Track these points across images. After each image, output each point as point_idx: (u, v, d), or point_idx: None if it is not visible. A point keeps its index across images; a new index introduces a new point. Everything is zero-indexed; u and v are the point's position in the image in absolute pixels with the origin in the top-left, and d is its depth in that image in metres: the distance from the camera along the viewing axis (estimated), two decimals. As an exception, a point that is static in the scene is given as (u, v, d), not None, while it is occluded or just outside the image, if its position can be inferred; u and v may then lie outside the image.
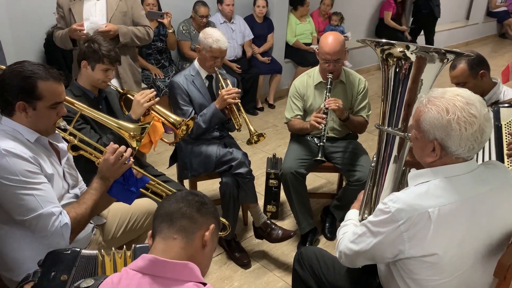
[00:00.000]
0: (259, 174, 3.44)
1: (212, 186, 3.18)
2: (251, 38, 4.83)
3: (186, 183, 2.86)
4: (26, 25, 3.63)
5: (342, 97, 2.65)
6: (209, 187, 3.22)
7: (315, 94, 2.71)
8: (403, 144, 1.62)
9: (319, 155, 2.47)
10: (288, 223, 3.01)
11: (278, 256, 2.72)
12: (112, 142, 1.69)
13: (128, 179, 1.70)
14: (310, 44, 5.34)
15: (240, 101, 2.48)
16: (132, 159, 1.70)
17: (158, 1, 4.08)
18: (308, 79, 2.75)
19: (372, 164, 1.73)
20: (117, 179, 1.68)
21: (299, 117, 2.76)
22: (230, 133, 2.81)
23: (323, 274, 1.74)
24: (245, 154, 2.63)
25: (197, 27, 4.30)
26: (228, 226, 2.01)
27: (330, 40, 2.52)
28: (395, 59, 1.56)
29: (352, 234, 1.45)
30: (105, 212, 1.92)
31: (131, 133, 1.95)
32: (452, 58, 1.56)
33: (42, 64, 1.59)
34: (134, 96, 2.20)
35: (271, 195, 2.97)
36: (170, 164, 2.85)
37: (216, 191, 2.92)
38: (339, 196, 2.84)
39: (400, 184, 1.69)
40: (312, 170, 2.76)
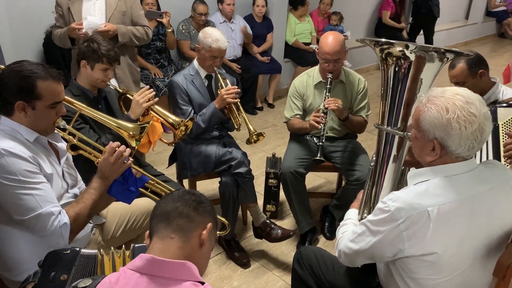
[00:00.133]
0: (259, 174, 3.44)
1: (211, 185, 3.18)
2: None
3: (186, 183, 2.85)
4: (26, 24, 3.62)
5: (342, 97, 2.65)
6: (208, 187, 3.22)
7: (315, 94, 2.71)
8: (403, 143, 1.62)
9: (318, 155, 2.48)
10: (287, 223, 3.01)
11: (278, 255, 2.72)
12: (111, 142, 1.69)
13: (127, 179, 1.70)
14: (309, 43, 5.33)
15: (239, 100, 2.48)
16: (131, 159, 1.70)
17: (157, 0, 4.07)
18: (307, 79, 2.75)
19: (371, 163, 1.74)
20: (116, 179, 1.68)
21: (299, 116, 2.76)
22: (229, 132, 2.81)
23: (323, 274, 1.74)
24: (244, 154, 2.63)
25: (196, 27, 4.29)
26: (227, 225, 2.01)
27: (330, 40, 2.52)
28: (395, 59, 1.56)
29: (351, 233, 1.45)
30: (104, 211, 1.91)
31: (130, 132, 1.94)
32: (451, 57, 1.56)
33: (41, 63, 1.59)
34: (133, 96, 2.20)
35: (271, 195, 2.97)
36: (170, 163, 2.85)
37: (215, 191, 2.92)
38: (339, 195, 2.84)
39: (399, 183, 1.69)
40: (311, 169, 2.76)
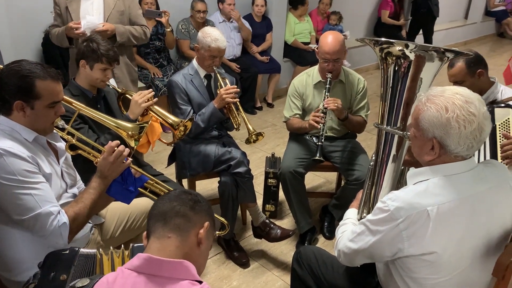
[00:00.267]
0: (258, 173, 3.44)
1: (210, 185, 3.17)
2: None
3: (185, 183, 2.85)
4: (25, 24, 3.62)
5: (341, 96, 2.65)
6: (207, 187, 3.22)
7: (314, 94, 2.71)
8: (402, 143, 1.62)
9: (317, 155, 2.47)
10: (286, 223, 3.01)
11: (277, 255, 2.72)
12: (110, 141, 1.68)
13: (126, 179, 1.69)
14: (308, 43, 5.33)
15: (238, 100, 2.47)
16: (130, 158, 1.70)
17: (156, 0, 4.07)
18: (307, 78, 2.75)
19: (371, 163, 1.73)
20: (115, 179, 1.68)
21: (298, 116, 2.76)
22: (228, 132, 2.80)
23: (322, 273, 1.74)
24: (243, 153, 2.62)
25: (196, 26, 4.29)
26: (226, 225, 2.00)
27: (330, 39, 2.51)
28: (394, 58, 1.56)
29: (351, 233, 1.45)
30: (103, 211, 1.91)
31: (129, 132, 1.94)
32: (451, 57, 1.56)
33: (40, 63, 1.58)
34: (132, 96, 2.20)
35: (270, 195, 2.97)
36: (169, 163, 2.84)
37: (214, 191, 2.92)
38: (338, 195, 2.84)
39: (399, 183, 1.69)
40: (310, 169, 2.76)
